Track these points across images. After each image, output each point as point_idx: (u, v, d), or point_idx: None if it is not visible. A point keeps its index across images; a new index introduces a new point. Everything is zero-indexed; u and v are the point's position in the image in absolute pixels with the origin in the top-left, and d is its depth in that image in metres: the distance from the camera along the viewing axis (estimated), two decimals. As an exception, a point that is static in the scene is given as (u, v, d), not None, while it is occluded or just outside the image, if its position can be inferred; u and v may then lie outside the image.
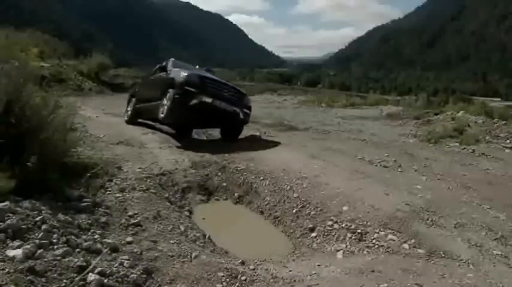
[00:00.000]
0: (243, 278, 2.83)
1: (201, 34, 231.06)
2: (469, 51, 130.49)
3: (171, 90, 6.55)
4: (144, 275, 2.60)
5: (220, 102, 6.47)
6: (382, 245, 3.40)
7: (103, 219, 3.40)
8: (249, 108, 7.08)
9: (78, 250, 2.65)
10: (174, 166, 5.38)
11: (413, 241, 3.38)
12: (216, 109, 6.44)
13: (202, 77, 6.67)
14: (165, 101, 6.67)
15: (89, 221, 3.22)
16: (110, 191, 4.16)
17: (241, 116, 6.78)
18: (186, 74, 6.57)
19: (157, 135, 7.30)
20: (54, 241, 2.65)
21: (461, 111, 8.26)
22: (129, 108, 8.88)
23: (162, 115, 6.62)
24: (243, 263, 3.17)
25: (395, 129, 7.72)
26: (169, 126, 8.05)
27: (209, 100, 6.32)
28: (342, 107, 11.04)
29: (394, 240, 3.43)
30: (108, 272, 2.47)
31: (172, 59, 7.95)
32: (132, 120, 8.49)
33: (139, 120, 8.56)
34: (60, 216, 3.04)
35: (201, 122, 7.18)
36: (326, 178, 4.81)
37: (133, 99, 8.78)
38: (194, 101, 6.22)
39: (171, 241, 3.32)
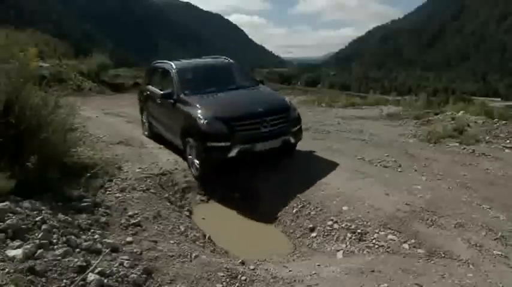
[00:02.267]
0: (243, 278, 2.83)
1: (201, 34, 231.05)
2: (469, 51, 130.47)
3: (191, 141, 5.12)
4: (144, 275, 2.60)
5: (263, 143, 4.93)
6: (382, 245, 3.40)
7: (103, 219, 3.40)
8: (299, 120, 5.50)
9: (78, 250, 2.65)
10: (174, 166, 5.38)
11: (413, 241, 3.38)
12: (260, 153, 4.99)
13: (228, 119, 4.86)
14: (189, 153, 5.28)
15: (89, 221, 3.23)
16: (110, 191, 4.16)
17: (293, 140, 5.33)
18: (205, 119, 4.88)
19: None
20: (54, 241, 2.65)
21: (461, 111, 8.25)
22: (145, 121, 7.37)
23: (195, 173, 5.18)
24: (243, 263, 3.18)
25: (396, 129, 7.72)
26: None
27: (247, 146, 4.84)
28: (342, 107, 11.02)
29: (394, 240, 3.43)
30: (108, 272, 2.47)
31: (174, 64, 6.24)
32: (153, 136, 6.99)
33: None
34: (60, 216, 3.05)
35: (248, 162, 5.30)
36: (326, 177, 4.81)
37: (145, 113, 7.29)
38: (228, 155, 4.79)
39: (171, 241, 3.32)
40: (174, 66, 6.16)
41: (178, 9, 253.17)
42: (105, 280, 2.38)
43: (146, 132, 7.30)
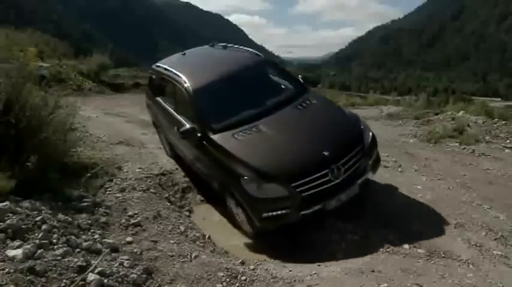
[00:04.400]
0: (243, 278, 2.84)
1: (201, 34, 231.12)
2: (469, 51, 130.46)
3: (235, 205, 3.86)
4: (144, 275, 2.60)
5: (337, 198, 3.59)
6: (382, 245, 3.40)
7: (103, 219, 3.40)
8: (375, 143, 4.07)
9: (78, 250, 2.65)
10: (174, 166, 5.38)
11: (413, 241, 3.38)
12: (336, 209, 3.66)
13: (285, 177, 3.50)
14: (235, 211, 3.97)
15: (89, 221, 3.23)
16: (110, 191, 4.16)
17: (372, 175, 4.01)
18: (253, 181, 3.51)
19: (157, 135, 7.29)
20: (54, 241, 2.65)
21: (461, 111, 8.24)
22: (162, 140, 6.02)
23: (249, 231, 3.94)
24: (243, 263, 3.18)
25: (396, 129, 7.72)
26: None
27: (316, 208, 3.54)
28: (342, 107, 11.02)
29: (394, 240, 3.43)
30: (108, 272, 2.47)
31: (187, 79, 4.53)
32: (177, 157, 5.50)
33: None
34: (60, 216, 3.04)
35: None
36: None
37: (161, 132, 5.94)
38: (291, 220, 3.59)
39: (171, 241, 3.32)
40: (187, 83, 4.43)
41: (178, 9, 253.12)
42: (105, 280, 2.38)
43: (168, 152, 5.85)
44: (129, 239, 3.16)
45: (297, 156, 3.65)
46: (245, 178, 3.52)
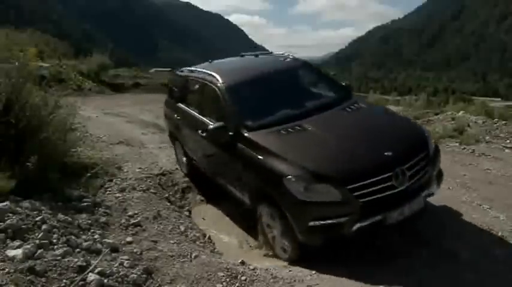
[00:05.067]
0: (243, 278, 2.83)
1: (201, 34, 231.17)
2: (469, 51, 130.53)
3: (276, 212, 3.18)
4: (144, 275, 2.60)
5: (401, 210, 2.98)
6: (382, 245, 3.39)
7: (103, 219, 3.40)
8: (438, 153, 3.49)
9: (78, 250, 2.65)
10: (174, 166, 5.38)
11: (413, 241, 3.38)
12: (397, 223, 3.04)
13: (340, 177, 2.91)
14: (270, 226, 3.38)
15: (89, 221, 3.23)
16: (110, 191, 4.16)
17: (437, 189, 3.39)
18: (299, 181, 2.92)
19: (157, 135, 7.30)
20: (54, 241, 2.65)
21: (461, 111, 8.25)
22: (179, 154, 5.37)
23: (284, 256, 3.31)
24: (243, 263, 3.18)
25: (396, 129, 7.71)
26: None
27: (376, 219, 2.92)
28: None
29: (395, 240, 3.43)
30: (108, 272, 2.47)
31: (219, 76, 4.12)
32: (195, 175, 5.07)
33: None
34: (60, 216, 3.05)
35: None
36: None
37: (180, 145, 5.24)
38: (343, 234, 2.94)
39: (171, 241, 3.32)
40: (220, 80, 4.03)
41: (178, 9, 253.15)
42: (105, 280, 2.38)
43: (184, 169, 5.27)
44: (129, 239, 3.16)
45: (353, 155, 3.08)
46: (289, 177, 2.94)
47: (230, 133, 3.59)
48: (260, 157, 3.24)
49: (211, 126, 3.70)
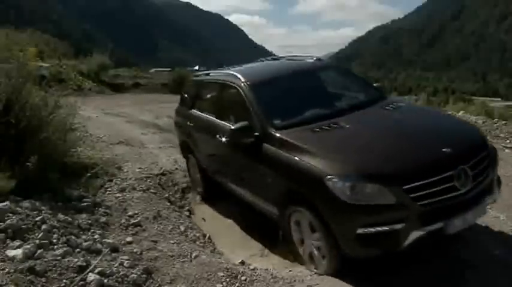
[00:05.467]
0: (243, 278, 2.83)
1: (201, 34, 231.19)
2: (469, 51, 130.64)
3: (312, 217, 2.75)
4: (144, 275, 2.60)
5: (464, 217, 2.61)
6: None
7: (103, 219, 3.40)
8: (496, 155, 3.30)
9: (78, 250, 2.65)
10: (174, 166, 5.38)
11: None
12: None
13: (393, 176, 2.51)
14: (303, 236, 3.01)
15: (89, 221, 3.23)
16: (110, 191, 4.16)
17: (498, 196, 3.05)
18: (344, 180, 2.50)
19: (157, 135, 7.31)
20: (54, 241, 2.65)
21: (461, 111, 8.26)
22: (194, 171, 4.90)
23: (321, 270, 2.87)
24: (243, 263, 3.18)
25: (395, 129, 7.71)
26: None
27: (436, 227, 2.51)
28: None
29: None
30: (108, 272, 2.47)
31: (241, 76, 3.82)
32: (212, 195, 4.70)
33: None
34: (60, 216, 3.05)
35: None
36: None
37: (194, 158, 4.77)
38: (399, 245, 2.50)
39: (171, 241, 3.32)
40: (243, 79, 3.74)
41: (178, 9, 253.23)
42: (105, 280, 2.38)
43: (200, 189, 4.84)
44: (129, 239, 3.16)
45: (406, 152, 2.69)
46: (331, 176, 2.53)
47: (256, 133, 3.25)
48: (293, 157, 2.86)
49: (232, 127, 3.37)
